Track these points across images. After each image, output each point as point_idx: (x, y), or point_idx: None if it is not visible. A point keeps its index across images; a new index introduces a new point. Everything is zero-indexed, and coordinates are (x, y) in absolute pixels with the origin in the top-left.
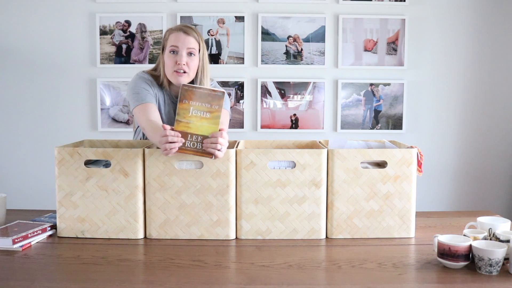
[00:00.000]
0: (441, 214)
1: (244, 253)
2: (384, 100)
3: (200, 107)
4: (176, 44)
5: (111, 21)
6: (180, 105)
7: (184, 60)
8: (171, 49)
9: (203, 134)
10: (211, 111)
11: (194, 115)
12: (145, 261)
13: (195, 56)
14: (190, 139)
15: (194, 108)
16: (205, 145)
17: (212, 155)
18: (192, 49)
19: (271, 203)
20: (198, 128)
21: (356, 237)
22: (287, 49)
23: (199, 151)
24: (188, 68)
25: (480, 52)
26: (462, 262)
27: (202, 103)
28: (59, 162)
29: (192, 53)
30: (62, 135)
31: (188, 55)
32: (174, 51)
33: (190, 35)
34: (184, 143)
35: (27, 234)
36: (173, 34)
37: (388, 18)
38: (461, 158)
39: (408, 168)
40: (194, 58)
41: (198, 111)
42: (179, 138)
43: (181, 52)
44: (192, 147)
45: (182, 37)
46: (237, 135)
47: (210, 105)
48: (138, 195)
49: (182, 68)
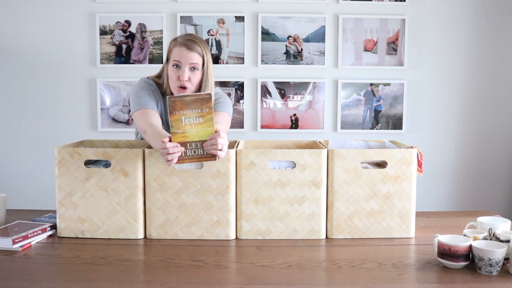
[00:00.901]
0: (441, 214)
1: (244, 253)
2: (384, 100)
3: (191, 114)
4: (179, 60)
5: (111, 21)
6: (171, 117)
7: (186, 76)
8: (174, 63)
9: (201, 139)
10: (203, 115)
11: (188, 123)
12: (145, 261)
13: (198, 70)
14: (190, 147)
15: (185, 117)
16: (206, 148)
17: (215, 157)
18: (195, 64)
19: (271, 203)
20: (195, 134)
21: (356, 237)
22: (287, 49)
23: (202, 157)
24: (190, 83)
25: (480, 52)
26: (462, 262)
27: (192, 109)
28: (59, 162)
29: (195, 67)
30: (62, 135)
31: (191, 70)
32: (177, 65)
33: (193, 50)
34: (185, 152)
35: (27, 234)
36: (176, 48)
37: (388, 18)
38: (461, 158)
39: (408, 168)
40: (196, 73)
41: (191, 118)
42: (178, 147)
43: (183, 68)
44: (194, 155)
45: (185, 53)
46: (237, 135)
47: (200, 109)
48: (138, 195)
49: (184, 84)
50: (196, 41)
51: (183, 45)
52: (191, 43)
